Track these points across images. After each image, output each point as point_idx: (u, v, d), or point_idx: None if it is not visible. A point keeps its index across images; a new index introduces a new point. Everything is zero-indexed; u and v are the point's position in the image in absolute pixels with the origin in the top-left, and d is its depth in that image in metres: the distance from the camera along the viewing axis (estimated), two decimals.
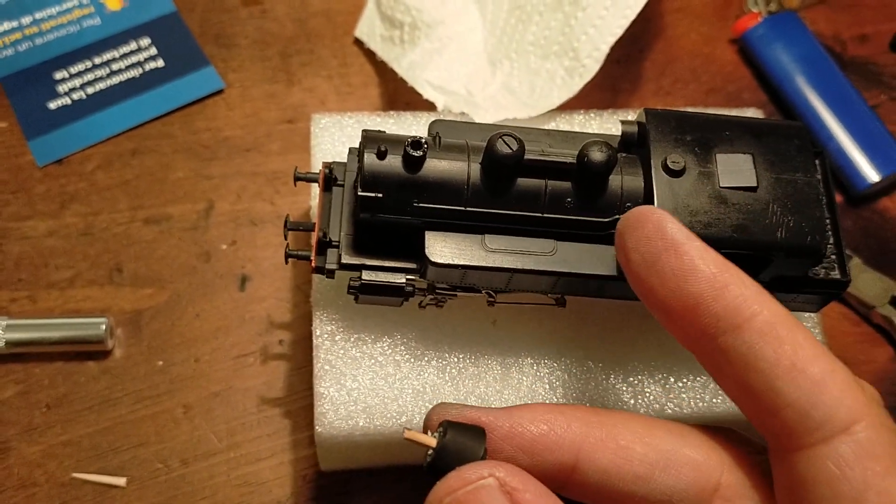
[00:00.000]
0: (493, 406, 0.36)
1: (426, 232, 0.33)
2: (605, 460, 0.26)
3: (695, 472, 0.26)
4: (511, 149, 0.31)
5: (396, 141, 0.32)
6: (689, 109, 0.39)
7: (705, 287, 0.25)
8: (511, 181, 0.32)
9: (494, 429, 0.26)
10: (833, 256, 0.34)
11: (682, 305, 0.25)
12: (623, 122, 0.34)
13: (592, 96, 0.52)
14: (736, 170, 0.32)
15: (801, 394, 0.24)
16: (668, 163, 0.32)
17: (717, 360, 0.25)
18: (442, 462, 0.25)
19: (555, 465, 0.26)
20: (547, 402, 0.36)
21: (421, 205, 0.32)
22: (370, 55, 0.53)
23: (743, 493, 0.26)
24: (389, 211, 0.32)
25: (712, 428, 0.27)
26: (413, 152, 0.31)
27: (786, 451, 0.24)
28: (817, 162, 0.35)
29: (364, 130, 0.33)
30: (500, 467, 0.23)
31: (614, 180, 0.33)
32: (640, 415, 0.28)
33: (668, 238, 0.25)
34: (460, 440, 0.25)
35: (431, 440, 0.25)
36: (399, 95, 0.52)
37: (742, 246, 0.31)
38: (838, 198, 0.51)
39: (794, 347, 0.24)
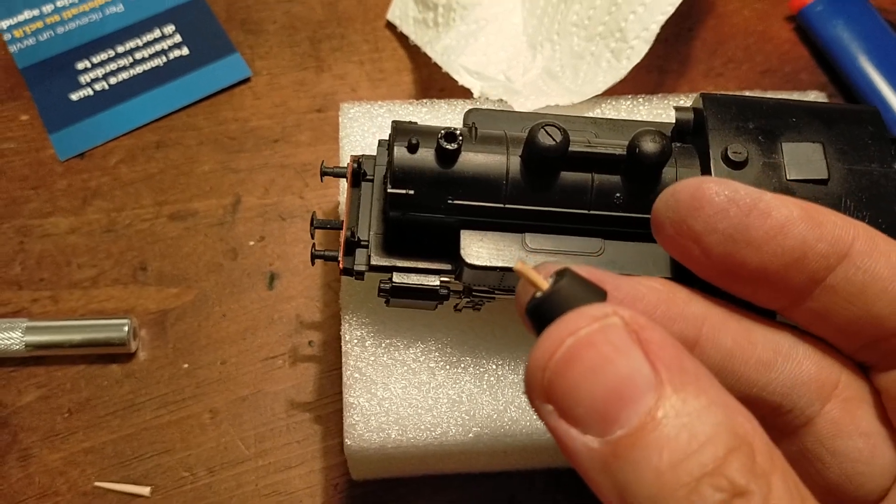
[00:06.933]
0: None
1: (462, 231, 0.31)
2: (728, 340, 0.24)
3: (816, 365, 0.25)
4: (554, 140, 0.29)
5: (429, 133, 0.30)
6: (748, 94, 0.36)
7: (806, 232, 0.23)
8: (554, 175, 0.30)
9: (614, 290, 0.24)
10: None
11: (784, 263, 0.23)
12: (677, 109, 0.32)
13: (638, 79, 0.49)
14: (804, 160, 0.30)
15: None
16: (729, 153, 0.29)
17: (823, 305, 0.24)
18: (549, 306, 0.21)
19: (675, 337, 0.24)
20: None
21: (456, 202, 0.30)
22: (403, 39, 0.50)
23: (861, 396, 0.25)
24: (421, 209, 0.30)
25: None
26: (447, 145, 0.29)
27: None
28: (893, 150, 0.32)
29: (394, 122, 0.31)
30: (623, 309, 0.20)
31: (668, 173, 0.30)
32: None
33: (743, 203, 0.23)
34: (577, 291, 0.21)
35: (544, 282, 0.22)
36: (433, 82, 0.49)
37: None
38: None
39: None
